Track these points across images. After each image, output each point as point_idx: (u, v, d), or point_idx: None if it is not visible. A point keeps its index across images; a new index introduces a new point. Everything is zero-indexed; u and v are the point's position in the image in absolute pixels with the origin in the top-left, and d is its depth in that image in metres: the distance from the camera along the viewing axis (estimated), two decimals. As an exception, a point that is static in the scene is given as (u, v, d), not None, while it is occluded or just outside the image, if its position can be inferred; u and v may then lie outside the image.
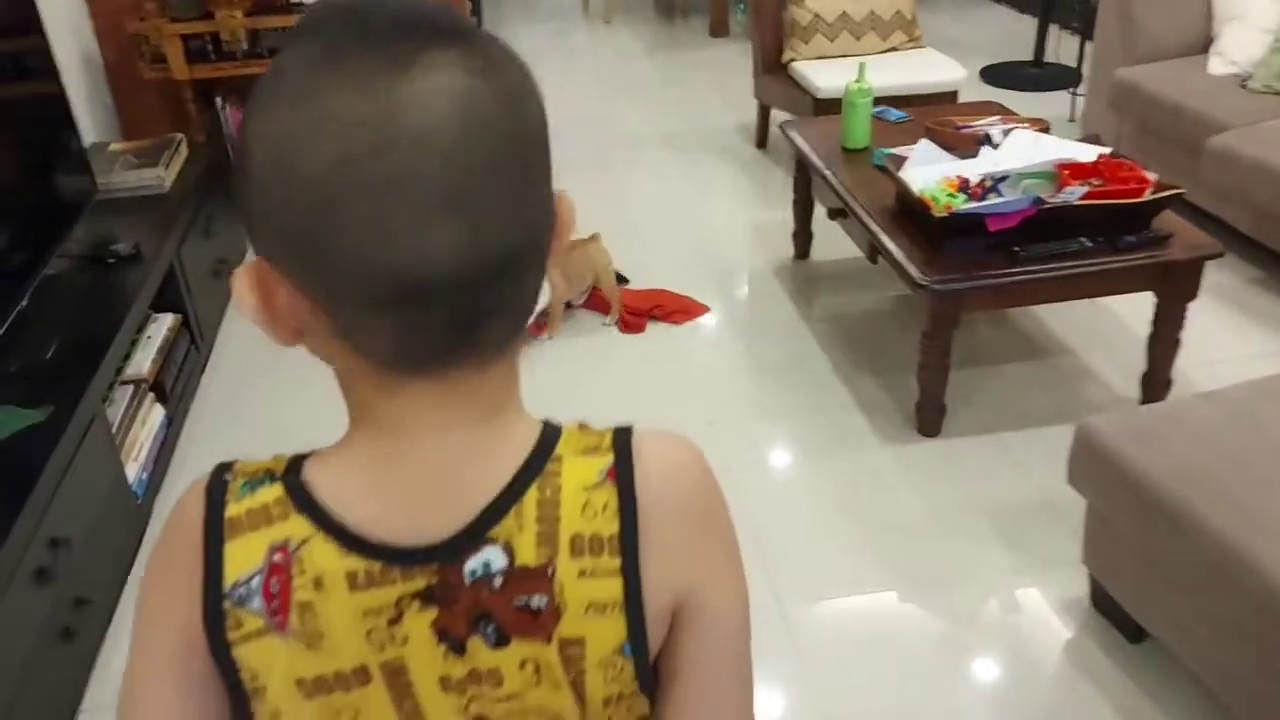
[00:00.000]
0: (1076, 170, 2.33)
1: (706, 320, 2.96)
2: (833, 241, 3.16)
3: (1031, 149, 2.50)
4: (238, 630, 0.57)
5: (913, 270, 2.22)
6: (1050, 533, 2.11)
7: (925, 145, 2.58)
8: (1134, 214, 2.27)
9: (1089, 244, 2.25)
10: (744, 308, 3.07)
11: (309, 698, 0.57)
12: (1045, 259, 2.22)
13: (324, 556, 0.55)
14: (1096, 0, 3.85)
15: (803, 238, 3.20)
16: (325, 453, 0.60)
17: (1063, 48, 4.68)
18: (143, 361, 2.33)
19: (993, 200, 2.28)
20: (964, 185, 2.34)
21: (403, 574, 0.56)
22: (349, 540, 0.56)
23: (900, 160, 2.55)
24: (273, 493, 0.57)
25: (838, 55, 3.72)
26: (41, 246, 2.20)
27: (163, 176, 2.80)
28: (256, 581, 0.56)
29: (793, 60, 3.75)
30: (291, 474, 0.58)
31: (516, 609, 0.57)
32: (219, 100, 3.41)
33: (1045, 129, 2.71)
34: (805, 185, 3.08)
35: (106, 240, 2.47)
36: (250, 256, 0.57)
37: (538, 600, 0.57)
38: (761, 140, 4.05)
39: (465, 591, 0.57)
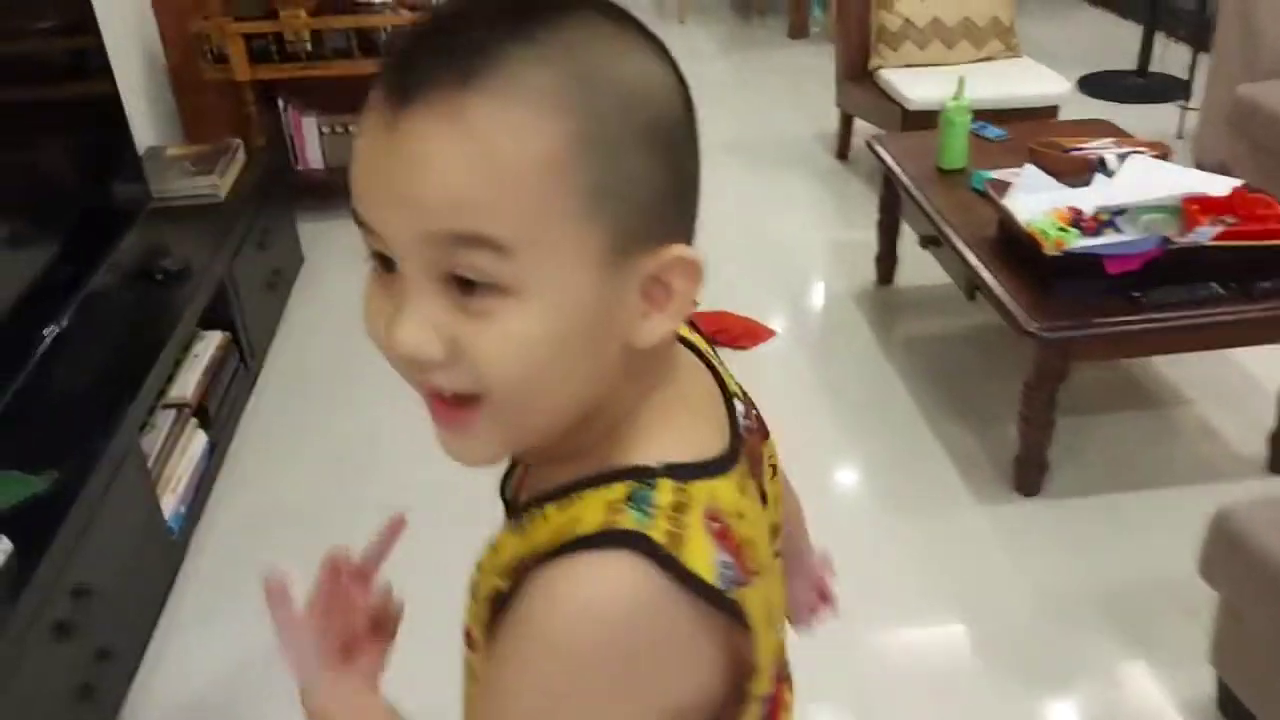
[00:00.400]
0: (1207, 205, 2.09)
1: (777, 347, 2.75)
2: (920, 266, 2.94)
3: (1151, 178, 2.26)
4: (741, 610, 0.57)
5: (1019, 314, 2.00)
6: (1169, 617, 1.88)
7: (1032, 171, 2.35)
8: (1274, 258, 2.02)
9: (1220, 290, 2.02)
10: (819, 337, 2.87)
11: (769, 624, 0.61)
12: (1171, 306, 1.99)
13: (726, 493, 0.60)
14: (1213, 9, 3.57)
15: (887, 262, 2.98)
16: (627, 441, 0.60)
17: (1169, 57, 4.36)
18: (187, 384, 2.21)
19: (1111, 238, 2.05)
20: (1076, 218, 2.12)
21: (738, 465, 0.63)
22: (721, 466, 0.61)
23: (1003, 186, 2.33)
24: (665, 488, 0.57)
25: (928, 64, 3.49)
26: (89, 259, 2.09)
27: (218, 185, 2.68)
28: (716, 557, 0.57)
29: (880, 68, 3.53)
30: (646, 471, 0.58)
31: (756, 431, 0.70)
32: (281, 102, 3.31)
33: (1165, 154, 2.46)
34: (893, 205, 2.87)
35: (156, 253, 2.35)
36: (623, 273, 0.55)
37: (755, 413, 0.71)
38: (843, 152, 3.83)
39: (749, 447, 0.66)
